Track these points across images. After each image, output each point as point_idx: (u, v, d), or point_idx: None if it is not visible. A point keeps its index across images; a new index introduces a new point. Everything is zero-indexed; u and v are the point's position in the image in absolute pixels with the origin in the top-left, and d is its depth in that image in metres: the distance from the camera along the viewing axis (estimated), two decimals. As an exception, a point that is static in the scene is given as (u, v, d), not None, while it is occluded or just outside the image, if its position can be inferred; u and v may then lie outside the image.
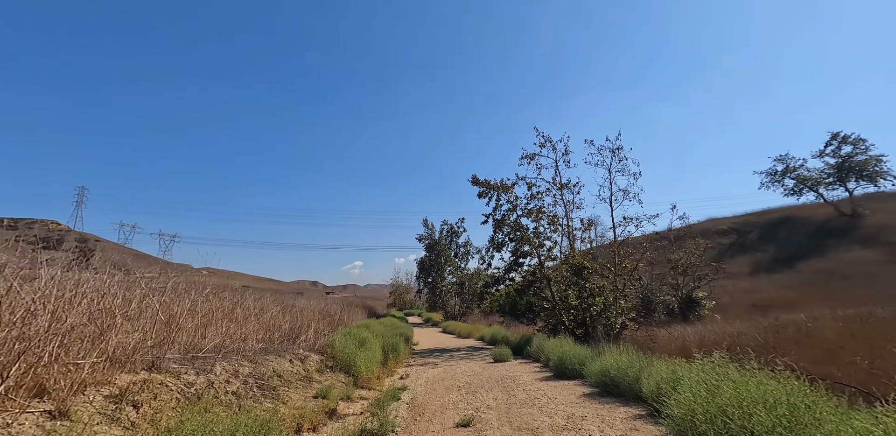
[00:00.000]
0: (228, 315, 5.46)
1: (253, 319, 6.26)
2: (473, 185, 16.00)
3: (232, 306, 5.79)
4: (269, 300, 8.11)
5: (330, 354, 6.67)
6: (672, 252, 20.72)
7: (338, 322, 11.87)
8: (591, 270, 11.37)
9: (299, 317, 7.70)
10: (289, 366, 5.14)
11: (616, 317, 10.81)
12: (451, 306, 33.60)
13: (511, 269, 15.20)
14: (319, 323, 8.77)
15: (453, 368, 8.74)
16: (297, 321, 7.42)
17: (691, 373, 3.77)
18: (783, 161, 40.75)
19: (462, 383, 6.68)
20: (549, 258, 14.24)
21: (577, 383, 6.19)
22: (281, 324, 6.92)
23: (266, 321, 6.56)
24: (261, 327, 6.37)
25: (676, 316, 20.23)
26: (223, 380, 3.63)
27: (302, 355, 5.84)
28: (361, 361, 6.12)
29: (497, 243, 15.62)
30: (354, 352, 6.50)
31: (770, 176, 42.32)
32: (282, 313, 7.66)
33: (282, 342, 6.43)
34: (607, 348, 6.28)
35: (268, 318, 6.60)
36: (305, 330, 7.32)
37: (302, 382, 5.03)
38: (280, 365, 4.89)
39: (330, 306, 19.99)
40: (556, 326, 13.39)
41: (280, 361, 5.05)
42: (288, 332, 6.93)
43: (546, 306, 13.66)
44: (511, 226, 15.40)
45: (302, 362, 5.61)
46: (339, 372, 6.17)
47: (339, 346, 6.64)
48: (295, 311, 8.85)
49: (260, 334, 6.07)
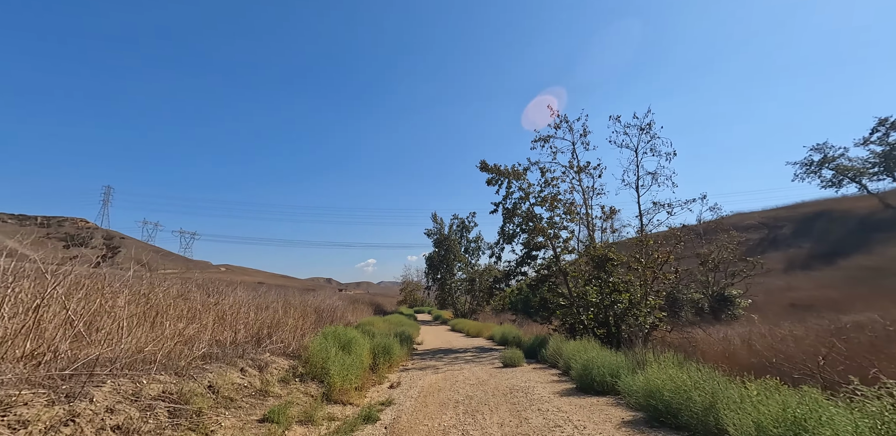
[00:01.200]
0: (164, 310, 4.37)
1: (210, 315, 5.18)
2: (482, 171, 14.67)
3: (171, 301, 4.70)
4: (242, 293, 7.05)
5: (305, 358, 5.55)
6: (701, 246, 18.92)
7: (332, 319, 10.81)
8: (615, 261, 9.93)
9: (272, 313, 6.60)
10: (237, 377, 4.01)
11: (645, 316, 9.37)
12: (460, 304, 32.40)
13: (523, 262, 13.84)
14: (303, 320, 7.68)
15: (455, 373, 7.53)
16: (272, 318, 6.33)
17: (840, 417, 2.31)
18: (820, 150, 37.76)
19: (462, 397, 5.46)
20: (566, 251, 12.83)
21: (610, 402, 4.86)
22: (249, 321, 5.83)
23: (229, 318, 5.47)
24: (223, 325, 5.29)
25: (706, 315, 18.51)
26: (104, 408, 2.50)
27: (264, 362, 4.72)
28: (337, 367, 4.96)
29: (508, 235, 14.27)
30: (331, 356, 5.35)
31: (805, 167, 39.33)
32: (255, 309, 6.59)
33: (247, 344, 5.34)
34: (647, 355, 4.92)
35: (228, 312, 5.51)
36: (280, 329, 6.22)
37: (252, 398, 3.90)
38: (223, 377, 3.77)
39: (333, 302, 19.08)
40: (574, 325, 12.04)
41: (226, 371, 3.93)
42: (257, 331, 5.83)
43: (562, 304, 12.29)
44: (523, 215, 14.02)
45: (261, 370, 4.48)
46: (311, 382, 5.04)
47: (315, 348, 5.51)
48: (277, 306, 7.79)
49: (220, 335, 4.99)
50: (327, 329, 6.98)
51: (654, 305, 9.45)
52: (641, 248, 9.85)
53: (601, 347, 6.72)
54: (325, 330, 7.01)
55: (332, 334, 6.74)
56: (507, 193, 14.37)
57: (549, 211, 13.94)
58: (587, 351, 6.17)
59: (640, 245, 9.98)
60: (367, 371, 6.77)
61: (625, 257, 10.11)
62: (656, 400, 3.70)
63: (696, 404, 3.34)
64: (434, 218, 34.78)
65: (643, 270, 9.43)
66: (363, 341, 7.08)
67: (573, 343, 7.25)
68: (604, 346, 7.13)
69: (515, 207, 14.23)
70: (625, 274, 10.59)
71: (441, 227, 34.51)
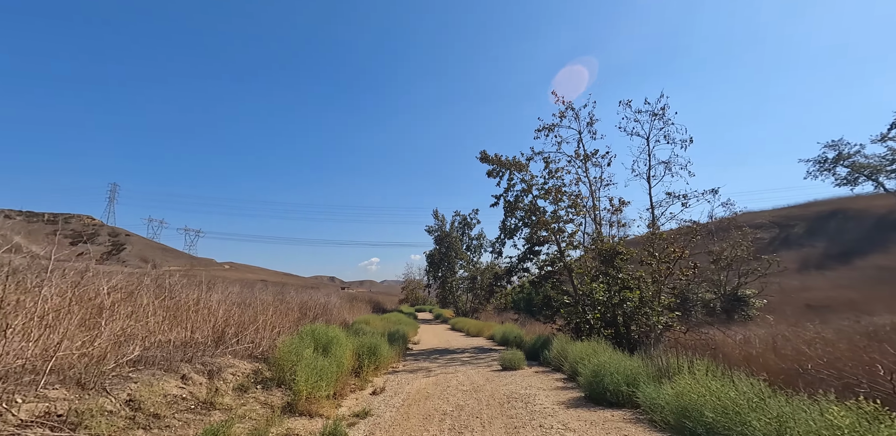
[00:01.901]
0: (107, 307, 3.68)
1: (160, 312, 4.49)
2: (482, 162, 13.90)
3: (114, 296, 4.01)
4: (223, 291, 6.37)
5: (274, 361, 4.85)
6: (713, 244, 18.02)
7: (321, 317, 10.13)
8: (625, 256, 9.14)
9: (242, 309, 5.91)
10: (175, 387, 3.31)
11: (657, 315, 8.58)
12: (462, 302, 31.69)
13: (525, 258, 13.08)
14: (281, 317, 7.00)
15: (449, 377, 6.81)
16: (240, 316, 5.64)
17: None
18: (835, 147, 36.53)
19: (451, 407, 4.73)
20: (571, 246, 12.05)
21: (629, 418, 4.07)
22: (213, 319, 5.14)
23: (184, 315, 4.79)
24: (175, 322, 4.61)
25: (718, 316, 17.64)
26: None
27: (218, 366, 4.03)
28: (305, 372, 4.25)
29: (509, 229, 13.51)
30: (302, 358, 4.64)
31: (819, 164, 38.11)
32: (225, 306, 5.90)
33: (207, 346, 4.65)
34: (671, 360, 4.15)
35: (183, 308, 4.82)
36: (249, 327, 5.53)
37: (190, 413, 3.20)
38: (153, 387, 3.08)
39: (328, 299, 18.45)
40: (579, 325, 11.28)
41: (160, 379, 3.24)
42: (221, 330, 5.14)
43: (567, 302, 11.53)
44: (525, 209, 13.26)
45: (211, 376, 3.79)
46: (276, 389, 4.34)
47: (285, 349, 4.81)
48: (255, 302, 7.12)
49: (168, 335, 4.30)
50: (306, 327, 6.28)
51: (667, 304, 8.66)
52: (654, 241, 9.05)
53: (614, 349, 5.94)
54: (303, 328, 6.32)
55: (311, 333, 6.04)
56: (508, 186, 13.61)
57: (553, 204, 13.17)
58: (597, 354, 5.40)
59: (653, 238, 9.18)
60: (349, 375, 6.07)
61: (636, 252, 9.32)
62: (694, 422, 2.91)
63: (754, 431, 2.55)
64: (436, 215, 34.08)
65: (657, 266, 8.64)
66: (346, 341, 6.38)
67: (580, 345, 6.49)
68: (618, 348, 6.36)
69: (517, 200, 13.47)
70: (635, 270, 9.81)
71: (442, 224, 33.79)
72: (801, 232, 36.84)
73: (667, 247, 8.73)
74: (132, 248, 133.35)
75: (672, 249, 8.55)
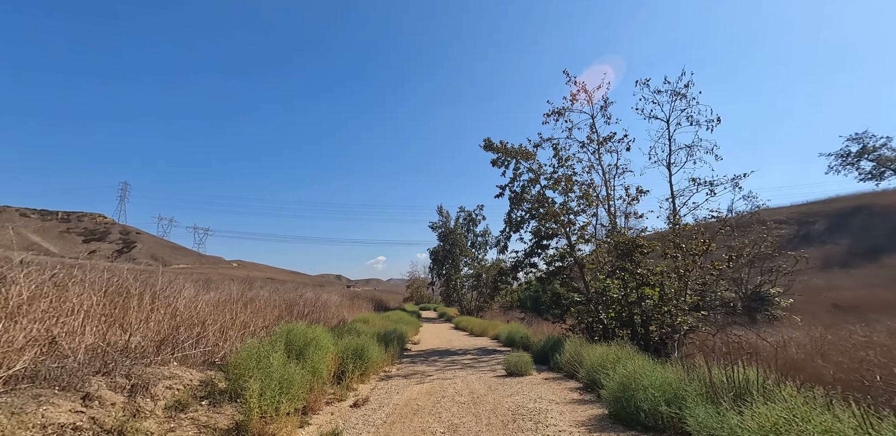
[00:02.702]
0: None
1: (96, 308, 3.70)
2: (486, 150, 12.98)
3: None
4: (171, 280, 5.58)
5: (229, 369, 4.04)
6: (733, 239, 16.87)
7: (314, 316, 9.33)
8: (646, 250, 8.17)
9: (208, 307, 5.11)
10: (67, 412, 2.47)
11: (682, 315, 7.62)
12: (466, 301, 30.84)
13: (533, 253, 12.15)
14: (257, 316, 6.20)
15: (446, 384, 5.95)
16: (196, 314, 4.83)
17: None
18: (859, 141, 34.76)
19: (444, 426, 3.87)
20: (582, 239, 11.09)
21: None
22: (165, 318, 4.34)
23: (129, 313, 3.99)
24: (110, 322, 3.81)
25: (739, 316, 16.51)
26: None
27: (148, 378, 3.22)
28: (260, 383, 3.42)
29: (515, 222, 12.58)
30: (262, 365, 3.81)
31: (842, 158, 36.34)
32: (185, 302, 5.11)
33: (145, 350, 3.86)
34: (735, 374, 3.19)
35: (127, 304, 4.02)
36: (209, 327, 4.73)
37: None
38: (26, 416, 2.26)
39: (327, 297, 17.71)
40: (592, 325, 10.36)
41: (45, 402, 2.43)
42: (175, 330, 4.34)
43: (578, 300, 10.60)
44: (533, 200, 12.32)
45: (133, 394, 2.97)
46: (227, 405, 3.52)
47: (244, 355, 3.98)
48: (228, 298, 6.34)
49: (71, 340, 3.51)
50: (281, 327, 5.47)
51: (695, 302, 7.69)
52: (680, 232, 8.07)
53: (642, 355, 4.99)
54: (279, 328, 5.51)
55: (286, 334, 5.23)
56: (514, 175, 12.68)
57: (563, 194, 12.20)
58: (623, 361, 4.46)
59: (679, 230, 8.20)
60: (329, 383, 5.24)
61: (658, 244, 8.34)
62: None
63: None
64: (440, 211, 33.20)
65: (683, 259, 7.67)
66: (328, 343, 5.56)
67: (599, 348, 5.54)
68: (646, 353, 5.41)
69: (524, 191, 12.53)
70: (655, 265, 8.85)
71: (447, 220, 32.91)
72: (821, 229, 35.21)
73: (695, 237, 7.75)
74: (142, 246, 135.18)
75: (701, 240, 7.57)
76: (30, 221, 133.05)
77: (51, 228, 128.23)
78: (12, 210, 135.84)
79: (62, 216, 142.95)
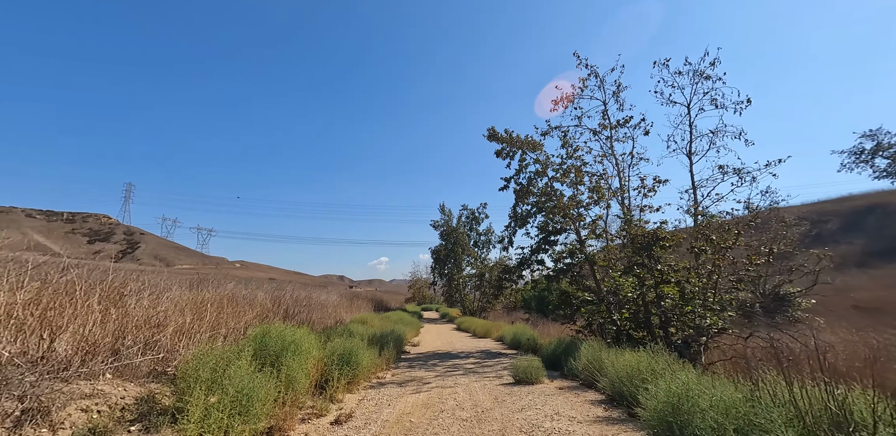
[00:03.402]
0: None
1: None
2: (490, 140, 12.25)
3: None
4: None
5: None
6: (750, 236, 16.02)
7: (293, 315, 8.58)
8: (667, 243, 7.39)
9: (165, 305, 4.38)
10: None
11: (713, 315, 6.85)
12: (469, 301, 30.04)
13: (539, 249, 11.38)
14: (227, 317, 5.48)
15: (445, 394, 5.21)
16: (159, 316, 4.11)
17: None
18: (873, 137, 33.74)
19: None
20: (593, 234, 10.31)
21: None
22: (95, 320, 3.62)
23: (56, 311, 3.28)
24: (36, 324, 3.10)
25: (756, 317, 15.67)
26: None
27: (52, 399, 2.49)
28: (201, 401, 2.69)
29: (520, 216, 11.82)
30: (217, 376, 3.09)
31: (855, 156, 35.30)
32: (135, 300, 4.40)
33: (70, 360, 3.14)
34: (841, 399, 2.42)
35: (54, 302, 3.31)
36: (166, 329, 4.01)
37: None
38: None
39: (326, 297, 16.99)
40: (603, 326, 9.60)
41: None
42: (120, 334, 3.63)
43: (589, 299, 9.83)
44: (540, 193, 11.56)
45: (19, 424, 2.25)
46: (167, 428, 2.80)
47: (196, 364, 3.26)
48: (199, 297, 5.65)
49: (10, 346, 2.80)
50: (256, 329, 4.74)
51: (728, 300, 6.92)
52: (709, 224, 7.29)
53: (678, 362, 4.21)
54: (253, 330, 4.79)
55: (260, 337, 4.50)
56: (520, 167, 11.93)
57: (572, 187, 11.44)
58: (665, 375, 3.63)
59: (709, 220, 7.42)
60: (308, 393, 4.51)
61: (684, 236, 7.57)
62: None
63: None
64: (442, 209, 32.44)
65: (714, 253, 6.89)
66: (312, 346, 4.83)
67: (626, 355, 4.74)
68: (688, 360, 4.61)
69: (530, 183, 11.78)
70: (677, 260, 8.08)
71: (449, 218, 32.15)
72: (834, 228, 34.18)
73: (729, 228, 6.97)
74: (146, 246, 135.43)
75: (735, 231, 6.79)
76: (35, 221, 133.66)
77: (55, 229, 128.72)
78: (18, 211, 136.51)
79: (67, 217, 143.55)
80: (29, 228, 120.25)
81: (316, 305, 12.71)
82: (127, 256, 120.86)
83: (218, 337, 4.86)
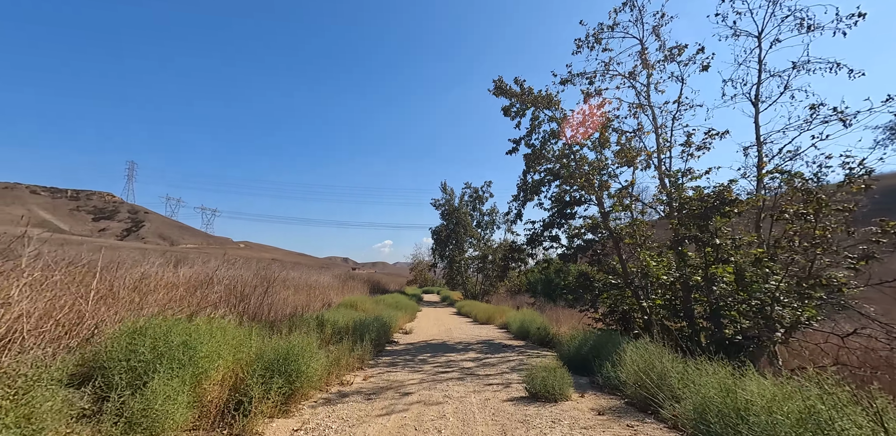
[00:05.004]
0: None
1: None
2: (497, 95, 10.14)
3: None
4: None
5: None
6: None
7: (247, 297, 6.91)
8: (738, 208, 5.55)
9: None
10: None
11: (809, 306, 5.15)
12: (471, 284, 28.66)
13: (553, 223, 9.56)
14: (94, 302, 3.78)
15: (428, 419, 3.57)
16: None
17: None
18: (917, 108, 30.61)
19: None
20: (620, 205, 8.41)
21: None
22: None
23: None
24: None
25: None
26: None
27: None
28: None
29: (531, 185, 9.91)
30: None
31: (891, 131, 32.33)
32: None
33: None
34: None
35: None
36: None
37: None
38: None
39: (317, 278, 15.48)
40: (628, 314, 7.97)
41: None
42: None
43: (613, 282, 8.12)
44: (555, 158, 9.62)
45: None
46: None
47: None
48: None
49: None
50: (130, 321, 3.05)
51: (832, 284, 5.19)
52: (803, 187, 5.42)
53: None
54: (119, 327, 3.08)
55: (125, 337, 2.80)
56: (531, 126, 9.90)
57: (594, 150, 9.49)
58: (819, 413, 1.87)
59: (787, 180, 5.53)
60: (206, 422, 2.85)
61: (764, 197, 5.71)
62: None
63: None
64: (443, 187, 30.49)
65: (816, 220, 5.07)
66: (217, 349, 3.15)
67: (760, 384, 2.67)
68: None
69: (544, 146, 9.80)
70: (739, 235, 6.25)
71: (451, 197, 30.26)
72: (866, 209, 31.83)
73: (834, 192, 5.11)
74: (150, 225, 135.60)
75: (822, 196, 4.93)
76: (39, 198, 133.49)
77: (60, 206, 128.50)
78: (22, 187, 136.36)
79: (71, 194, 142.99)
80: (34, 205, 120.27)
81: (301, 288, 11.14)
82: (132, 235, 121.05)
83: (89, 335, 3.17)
